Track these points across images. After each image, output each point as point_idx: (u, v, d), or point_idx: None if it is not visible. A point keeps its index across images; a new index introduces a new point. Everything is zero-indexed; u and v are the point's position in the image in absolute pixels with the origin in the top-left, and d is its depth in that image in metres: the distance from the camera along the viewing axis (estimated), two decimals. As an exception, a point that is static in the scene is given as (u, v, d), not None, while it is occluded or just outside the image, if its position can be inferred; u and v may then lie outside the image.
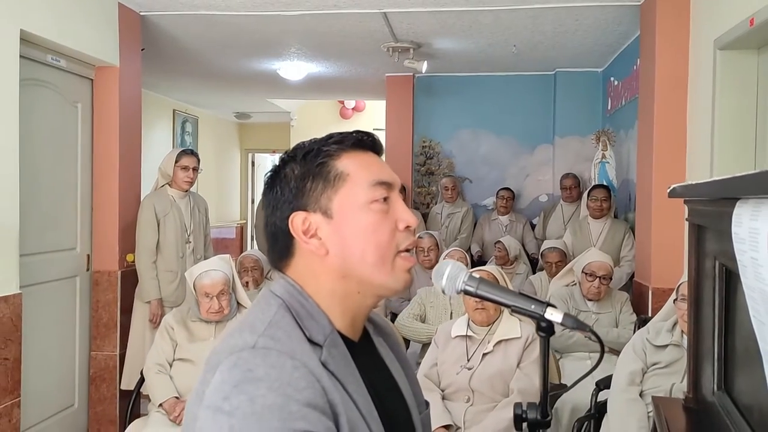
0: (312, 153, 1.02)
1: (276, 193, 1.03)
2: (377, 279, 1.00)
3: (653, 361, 2.50)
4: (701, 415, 1.52)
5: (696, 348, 1.60)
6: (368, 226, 0.99)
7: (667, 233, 3.55)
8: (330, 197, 1.00)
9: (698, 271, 1.58)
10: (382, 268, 1.00)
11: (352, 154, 1.03)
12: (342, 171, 1.01)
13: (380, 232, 1.00)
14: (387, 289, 1.03)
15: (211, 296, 3.01)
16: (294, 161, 1.03)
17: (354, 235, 0.99)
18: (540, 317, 1.00)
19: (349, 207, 1.00)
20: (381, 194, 1.01)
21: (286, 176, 1.03)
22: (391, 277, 1.01)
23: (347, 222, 0.99)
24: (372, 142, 1.06)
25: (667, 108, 3.58)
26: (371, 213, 1.00)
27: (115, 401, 4.04)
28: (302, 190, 1.01)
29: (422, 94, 6.31)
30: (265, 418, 0.82)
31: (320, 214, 1.00)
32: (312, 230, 1.00)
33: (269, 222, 1.05)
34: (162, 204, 3.92)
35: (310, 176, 1.01)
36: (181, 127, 8.50)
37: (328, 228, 1.00)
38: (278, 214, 1.02)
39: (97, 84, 4.03)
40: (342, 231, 0.99)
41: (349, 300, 1.02)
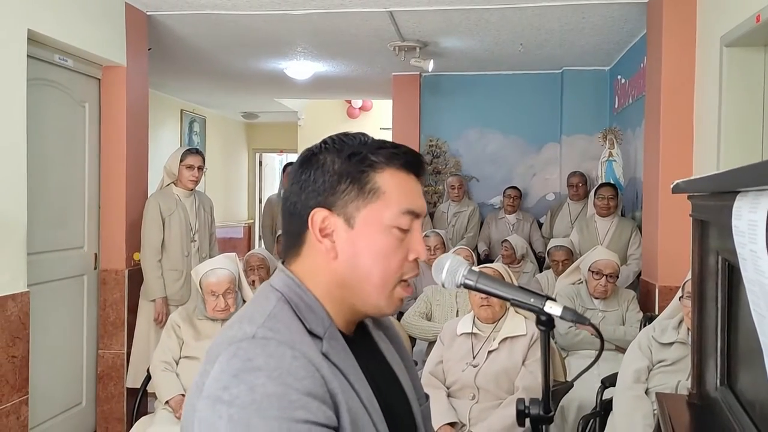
0: (358, 156, 1.00)
1: (308, 176, 1.01)
2: (373, 300, 1.01)
3: (659, 359, 2.49)
4: (705, 410, 1.52)
5: (700, 344, 1.59)
6: (382, 249, 0.99)
7: (674, 231, 3.53)
8: (358, 207, 0.99)
9: (702, 267, 1.58)
10: (382, 292, 1.00)
11: (395, 172, 1.01)
12: (380, 187, 0.99)
13: (391, 259, 1.00)
14: (378, 311, 1.03)
15: (217, 294, 3.02)
16: (338, 154, 1.00)
17: (366, 253, 0.99)
18: (539, 310, 1.00)
19: (372, 223, 0.99)
20: (406, 224, 1.00)
21: (324, 165, 1.00)
22: (386, 302, 1.02)
23: (365, 237, 0.99)
24: (418, 166, 1.04)
25: (674, 105, 3.56)
26: (390, 237, 0.99)
27: (123, 399, 4.06)
28: (335, 188, 0.99)
29: (429, 93, 6.31)
30: (264, 407, 0.82)
31: (343, 219, 0.99)
32: (328, 231, 0.99)
33: (290, 200, 1.03)
34: (167, 203, 3.94)
35: (348, 178, 0.99)
36: (189, 126, 8.53)
37: (346, 236, 0.99)
38: (302, 197, 1.01)
39: (104, 83, 4.05)
40: (357, 244, 0.99)
41: (343, 305, 1.03)
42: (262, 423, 0.82)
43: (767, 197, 0.82)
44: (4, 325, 3.02)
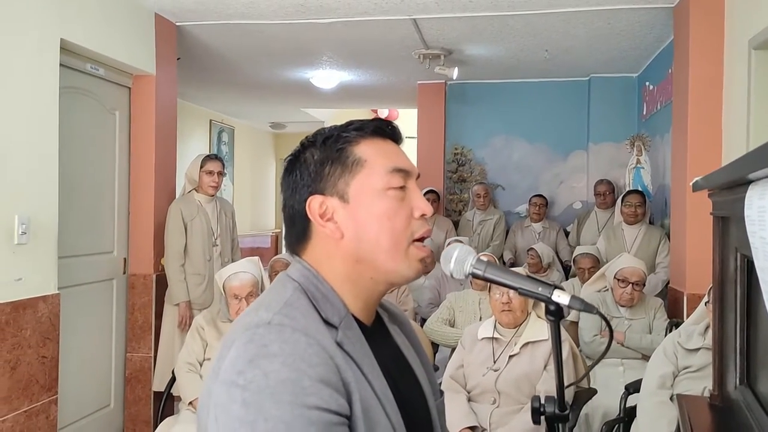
0: (332, 138, 1.04)
1: (295, 176, 1.05)
2: (390, 265, 1.02)
3: (684, 365, 2.45)
4: (725, 412, 1.49)
5: (721, 345, 1.57)
6: (384, 212, 1.01)
7: (702, 238, 3.47)
8: (347, 182, 1.02)
9: (722, 267, 1.55)
10: (396, 254, 1.01)
11: (371, 141, 1.04)
12: (360, 157, 1.02)
13: (395, 219, 1.01)
14: (399, 276, 1.04)
15: (240, 298, 3.06)
16: (314, 146, 1.05)
17: (369, 220, 1.01)
18: (547, 299, 1.00)
19: (365, 192, 1.01)
20: (398, 182, 1.02)
21: (305, 161, 1.05)
22: (404, 264, 1.02)
23: (363, 207, 1.01)
24: (391, 131, 1.08)
25: (702, 110, 3.51)
26: (387, 199, 1.01)
27: (149, 402, 4.11)
28: (320, 174, 1.03)
29: (454, 101, 6.31)
30: (277, 393, 0.83)
31: (337, 198, 1.02)
32: (328, 214, 1.02)
33: (287, 205, 1.07)
34: (189, 209, 4.00)
35: (329, 161, 1.03)
36: (218, 137, 8.66)
37: (344, 212, 1.01)
38: (296, 197, 1.04)
39: (134, 92, 4.15)
40: (357, 216, 1.01)
41: (362, 285, 1.03)
42: (275, 408, 0.83)
43: (775, 182, 0.81)
44: (35, 326, 3.09)
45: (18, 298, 3.00)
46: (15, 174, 2.98)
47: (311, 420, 0.83)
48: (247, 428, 0.83)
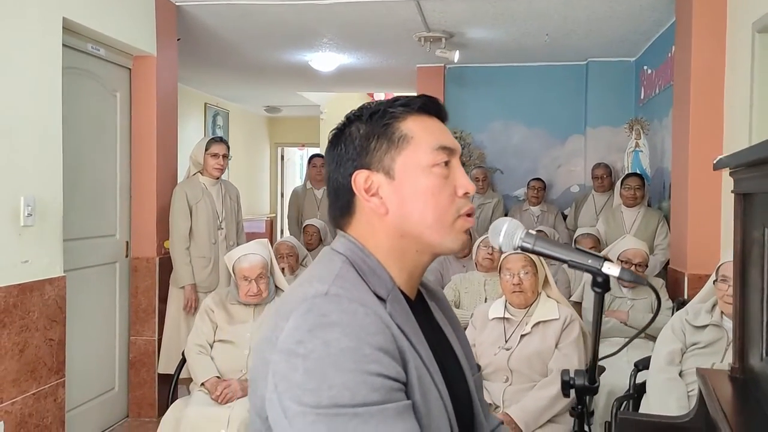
0: (378, 113, 1.05)
1: (340, 150, 1.06)
2: (435, 239, 1.03)
3: (692, 342, 2.49)
4: (748, 383, 1.52)
5: (743, 319, 1.60)
6: (428, 188, 1.02)
7: (703, 219, 3.52)
8: (393, 158, 1.03)
9: (744, 242, 1.58)
10: (441, 229, 1.03)
11: (417, 117, 1.05)
12: (406, 133, 1.03)
13: (440, 196, 1.02)
14: (445, 248, 1.05)
15: (249, 279, 3.06)
16: (360, 120, 1.06)
17: (414, 197, 1.02)
18: (597, 271, 1.02)
19: (411, 168, 1.02)
20: (442, 158, 1.03)
21: (351, 134, 1.06)
22: (449, 236, 1.04)
23: (408, 183, 1.02)
24: (437, 108, 1.08)
25: (704, 92, 3.54)
26: (432, 176, 1.02)
27: (154, 385, 4.12)
28: (366, 149, 1.04)
29: (453, 84, 6.31)
30: (339, 361, 0.85)
31: (382, 173, 1.03)
32: (373, 189, 1.03)
33: (332, 178, 1.08)
34: (194, 191, 3.99)
35: (375, 136, 1.04)
36: (213, 120, 8.61)
37: (389, 188, 1.02)
38: (341, 170, 1.05)
39: (134, 73, 4.12)
40: (403, 191, 1.02)
41: (407, 257, 1.05)
42: (337, 375, 0.84)
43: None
44: (41, 308, 3.08)
45: (25, 280, 2.99)
46: (20, 156, 2.96)
47: (374, 386, 0.85)
48: (311, 396, 0.85)
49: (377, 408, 0.84)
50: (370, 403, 0.84)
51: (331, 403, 0.84)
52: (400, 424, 0.85)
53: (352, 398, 0.84)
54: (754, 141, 3.11)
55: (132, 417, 4.12)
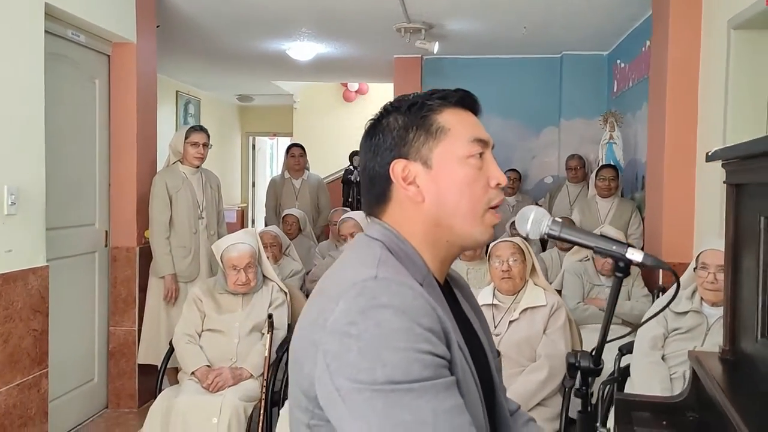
0: (417, 105, 1.09)
1: (378, 139, 1.09)
2: (467, 230, 1.08)
3: (674, 327, 2.59)
4: (740, 364, 1.61)
5: (733, 304, 1.68)
6: (464, 179, 1.06)
7: (678, 210, 3.64)
8: (431, 148, 1.07)
9: (737, 230, 1.66)
10: (473, 220, 1.07)
11: (453, 110, 1.10)
12: (443, 125, 1.07)
13: (474, 186, 1.07)
14: (473, 241, 1.10)
15: (238, 269, 3.07)
16: (398, 112, 1.10)
17: (450, 186, 1.06)
18: (621, 257, 1.07)
19: (448, 159, 1.06)
20: (477, 150, 1.08)
21: (389, 125, 1.09)
22: (479, 229, 1.08)
23: (445, 173, 1.06)
24: (473, 102, 1.13)
25: (680, 87, 3.65)
26: (468, 167, 1.07)
27: (134, 376, 4.09)
28: (405, 139, 1.07)
29: (430, 75, 6.36)
30: (392, 340, 0.89)
31: (420, 163, 1.06)
32: (411, 178, 1.07)
33: (368, 167, 1.11)
34: (174, 180, 3.96)
35: (414, 127, 1.07)
36: (184, 108, 8.51)
37: (427, 177, 1.06)
38: (378, 159, 1.09)
39: (114, 60, 4.05)
40: (439, 181, 1.06)
41: (439, 247, 1.09)
42: (391, 354, 0.88)
43: None
44: (25, 298, 3.04)
45: (8, 270, 2.94)
46: (3, 144, 2.90)
47: (425, 363, 0.90)
48: (366, 374, 0.88)
49: (430, 383, 0.89)
50: (422, 379, 0.88)
51: (386, 380, 0.88)
52: (451, 397, 0.90)
53: (406, 375, 0.88)
54: (728, 135, 3.22)
55: (111, 408, 4.08)
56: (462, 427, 0.90)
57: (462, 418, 0.91)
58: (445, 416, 0.89)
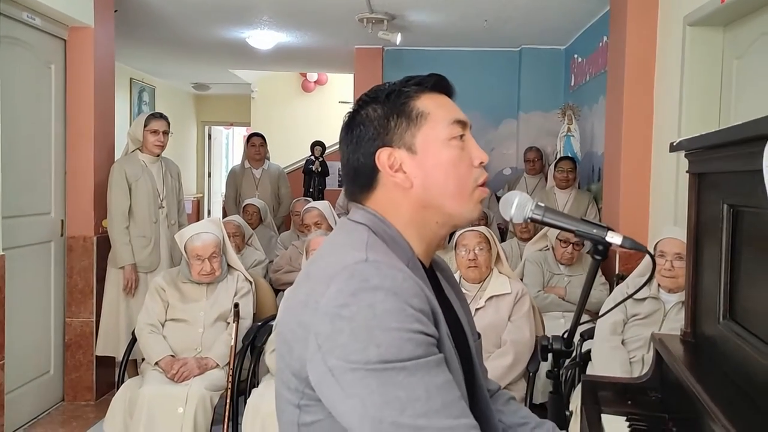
0: (394, 94, 1.10)
1: (359, 131, 1.11)
2: (456, 209, 1.10)
3: (633, 313, 2.68)
4: (702, 345, 1.68)
5: (694, 289, 1.75)
6: (449, 160, 1.09)
7: (635, 199, 3.75)
8: (413, 134, 1.09)
9: (698, 217, 1.73)
10: (461, 199, 1.10)
11: (430, 95, 1.12)
12: (423, 110, 1.09)
13: (459, 167, 1.09)
14: (463, 218, 1.13)
15: (202, 258, 3.04)
16: (375, 102, 1.11)
17: (436, 169, 1.08)
18: (601, 240, 1.11)
19: (431, 143, 1.08)
20: (458, 132, 1.10)
21: (368, 116, 1.11)
22: (468, 206, 1.11)
23: (430, 157, 1.08)
24: (447, 85, 1.15)
25: (636, 81, 3.75)
26: (451, 149, 1.09)
27: (92, 368, 4.01)
28: (387, 128, 1.09)
29: (391, 67, 6.37)
30: (384, 321, 0.91)
31: (405, 150, 1.08)
32: (397, 165, 1.08)
33: (351, 159, 1.12)
34: (133, 169, 3.88)
35: (394, 115, 1.09)
36: (139, 96, 8.32)
37: (412, 163, 1.08)
38: (362, 151, 1.10)
39: (70, 45, 3.94)
40: (425, 165, 1.08)
41: (427, 229, 1.12)
42: (383, 334, 0.90)
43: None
44: (-20, 288, 2.95)
45: (-37, 259, 2.85)
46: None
47: (417, 342, 0.92)
48: (359, 354, 0.90)
49: (423, 361, 0.91)
50: (414, 357, 0.91)
51: (380, 359, 0.90)
52: (442, 374, 0.94)
53: (399, 354, 0.90)
54: (683, 128, 3.34)
55: (68, 401, 4.00)
56: (453, 402, 0.94)
57: (453, 394, 0.94)
58: (437, 392, 0.92)
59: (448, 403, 0.92)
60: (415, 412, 0.90)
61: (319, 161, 6.64)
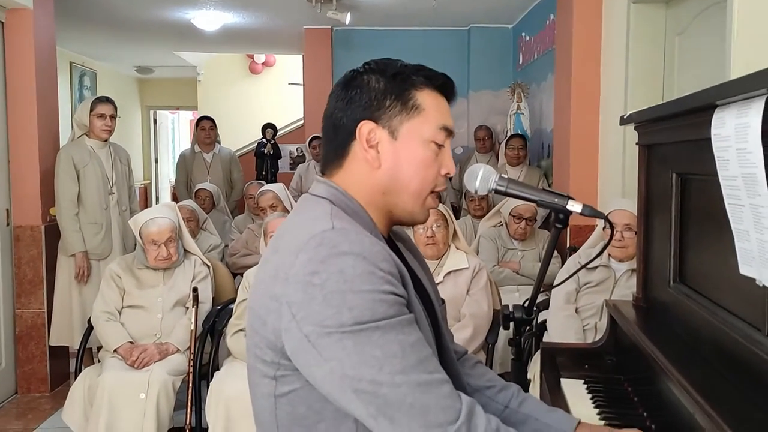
0: (401, 76, 1.12)
1: (354, 93, 1.11)
2: (409, 207, 1.14)
3: (585, 281, 2.78)
4: (653, 309, 1.77)
5: (645, 255, 1.84)
6: (422, 160, 1.11)
7: (584, 173, 3.86)
8: (402, 122, 1.11)
9: (648, 187, 1.81)
10: (417, 200, 1.14)
11: (433, 92, 1.14)
12: (420, 104, 1.11)
13: (429, 169, 1.12)
14: (411, 218, 1.17)
15: (158, 244, 3.00)
16: (381, 74, 1.12)
17: (408, 162, 1.11)
18: (562, 208, 1.16)
19: (413, 137, 1.11)
20: (442, 138, 1.13)
21: (369, 83, 1.12)
22: (421, 209, 1.15)
23: (407, 149, 1.11)
24: (451, 90, 1.17)
25: (583, 58, 3.85)
26: (428, 150, 1.12)
27: (45, 359, 3.92)
28: (381, 104, 1.10)
29: (340, 47, 6.34)
30: (356, 284, 0.94)
31: (387, 131, 1.10)
32: (374, 142, 1.10)
33: (336, 115, 1.13)
34: (80, 154, 3.78)
35: (392, 95, 1.10)
36: (79, 81, 8.05)
37: (389, 147, 1.11)
38: (349, 112, 1.11)
39: (8, 28, 3.80)
40: (399, 154, 1.11)
41: (381, 212, 1.15)
42: (356, 297, 0.94)
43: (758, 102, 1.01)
44: (-76, 282, 2.85)
45: None
46: None
47: (390, 303, 0.97)
48: (334, 319, 0.94)
49: (395, 320, 0.96)
50: (387, 317, 0.95)
51: (354, 322, 0.94)
52: (415, 332, 0.98)
53: (372, 315, 0.94)
54: (629, 102, 3.45)
55: (21, 393, 3.91)
56: (427, 358, 0.98)
57: (426, 350, 0.99)
58: (411, 349, 0.96)
59: (422, 359, 0.97)
60: (393, 368, 0.94)
61: (270, 144, 6.58)
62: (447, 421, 0.95)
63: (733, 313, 1.28)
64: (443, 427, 0.94)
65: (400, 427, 0.94)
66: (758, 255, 1.09)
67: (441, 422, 0.94)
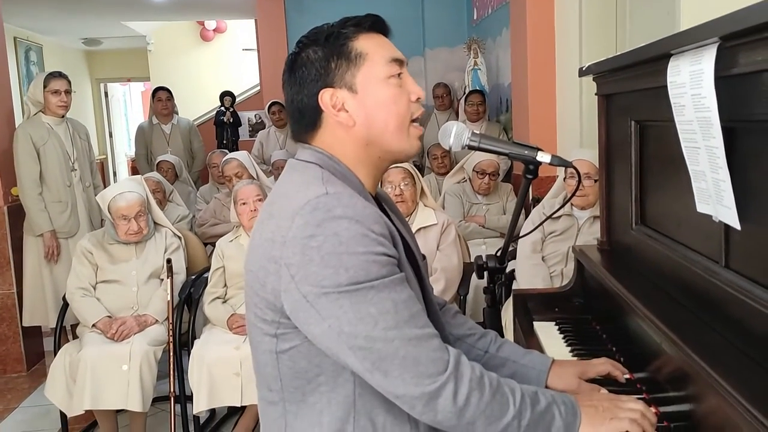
0: (333, 35, 1.15)
1: (301, 73, 1.15)
2: (397, 145, 1.18)
3: (550, 230, 2.89)
4: (617, 252, 1.88)
5: (608, 201, 1.94)
6: (388, 98, 1.15)
7: (543, 125, 3.96)
8: (354, 74, 1.14)
9: (608, 135, 1.90)
10: (401, 135, 1.17)
11: (367, 35, 1.17)
12: (362, 51, 1.15)
13: (399, 103, 1.16)
14: (404, 154, 1.21)
15: (128, 218, 3.00)
16: (315, 44, 1.16)
17: (377, 107, 1.15)
18: (532, 160, 1.23)
19: (371, 82, 1.15)
20: (396, 70, 1.17)
21: (309, 58, 1.15)
22: (408, 142, 1.19)
23: (370, 95, 1.15)
24: (384, 26, 1.21)
25: (538, 11, 3.91)
26: (390, 87, 1.16)
27: (19, 339, 3.91)
28: (328, 69, 1.14)
29: (293, 10, 6.26)
30: (351, 246, 1.00)
31: (346, 90, 1.14)
32: (339, 104, 1.14)
33: (295, 100, 1.18)
34: (38, 132, 3.72)
35: (334, 56, 1.14)
36: (25, 56, 7.78)
37: (354, 102, 1.14)
38: (305, 92, 1.15)
39: (-50, 4, 3.66)
40: (366, 103, 1.15)
41: (370, 165, 1.19)
42: (351, 259, 1.00)
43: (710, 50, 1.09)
44: None
45: None
46: None
47: (382, 263, 1.03)
48: (331, 279, 1.00)
49: (388, 279, 1.03)
50: (381, 277, 1.02)
51: (350, 282, 1.00)
52: (406, 289, 1.05)
53: (367, 275, 1.01)
54: (584, 54, 3.54)
55: (-3, 375, 3.90)
56: (418, 314, 1.05)
57: (416, 307, 1.06)
58: (403, 305, 1.03)
59: (413, 315, 1.04)
60: (387, 324, 1.01)
61: (230, 111, 6.52)
62: (437, 371, 1.02)
63: (692, 249, 1.37)
64: (433, 378, 1.02)
65: (393, 379, 1.01)
66: (714, 193, 1.18)
67: (431, 373, 1.02)
